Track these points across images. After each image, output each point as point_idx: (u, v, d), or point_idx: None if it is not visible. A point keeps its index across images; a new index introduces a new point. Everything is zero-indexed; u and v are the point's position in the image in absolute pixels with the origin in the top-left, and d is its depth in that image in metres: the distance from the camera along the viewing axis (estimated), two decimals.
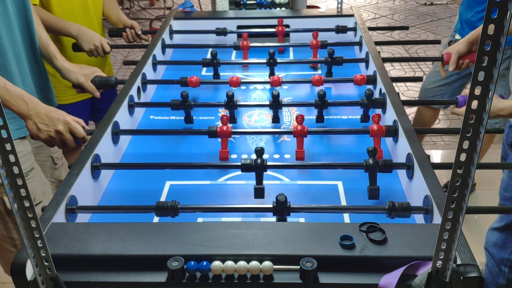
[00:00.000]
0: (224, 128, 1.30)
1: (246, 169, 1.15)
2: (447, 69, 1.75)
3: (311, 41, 1.87)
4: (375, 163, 1.12)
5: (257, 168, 1.14)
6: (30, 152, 1.45)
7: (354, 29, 2.06)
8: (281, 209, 1.01)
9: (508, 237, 1.62)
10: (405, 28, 2.27)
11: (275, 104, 1.44)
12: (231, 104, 1.44)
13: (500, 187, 1.70)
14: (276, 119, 1.48)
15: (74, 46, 1.89)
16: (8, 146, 0.67)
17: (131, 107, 1.48)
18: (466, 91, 1.48)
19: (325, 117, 1.47)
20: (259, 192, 1.14)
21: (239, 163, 1.15)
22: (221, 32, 2.01)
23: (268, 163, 1.14)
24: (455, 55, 1.65)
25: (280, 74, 1.79)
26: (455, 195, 0.68)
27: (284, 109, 1.59)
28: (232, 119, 1.47)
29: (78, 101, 1.91)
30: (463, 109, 1.44)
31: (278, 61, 1.73)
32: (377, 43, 1.83)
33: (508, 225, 1.62)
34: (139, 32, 2.07)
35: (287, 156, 1.36)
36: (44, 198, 1.44)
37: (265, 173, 1.15)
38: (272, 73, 1.73)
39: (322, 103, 1.43)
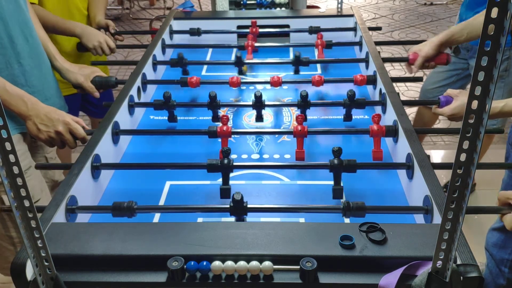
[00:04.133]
0: (224, 128, 1.30)
1: (212, 169, 1.14)
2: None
3: (316, 41, 1.86)
4: (340, 163, 1.13)
5: (224, 168, 1.14)
6: (27, 150, 1.45)
7: (354, 29, 2.06)
8: (238, 208, 1.01)
9: (508, 238, 1.62)
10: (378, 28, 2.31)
11: (258, 105, 1.44)
12: (214, 104, 1.45)
13: (500, 187, 1.70)
14: (259, 118, 1.46)
15: (78, 46, 1.89)
16: (8, 146, 0.67)
17: (131, 107, 1.48)
18: (449, 92, 1.48)
19: (325, 117, 1.47)
20: (225, 193, 1.14)
21: (237, 163, 1.15)
22: (195, 32, 2.01)
23: (235, 163, 1.14)
24: (422, 58, 1.66)
25: (280, 74, 1.79)
26: (455, 195, 0.68)
27: (284, 109, 1.60)
28: (215, 119, 1.47)
29: (67, 94, 1.87)
30: (444, 109, 1.44)
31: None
32: (377, 43, 1.84)
33: None
34: (112, 31, 2.02)
35: (287, 156, 1.36)
36: (42, 196, 1.44)
37: (265, 173, 1.15)
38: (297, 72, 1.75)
39: (304, 104, 1.43)
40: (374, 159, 1.27)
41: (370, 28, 2.55)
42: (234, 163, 1.14)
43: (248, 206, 1.02)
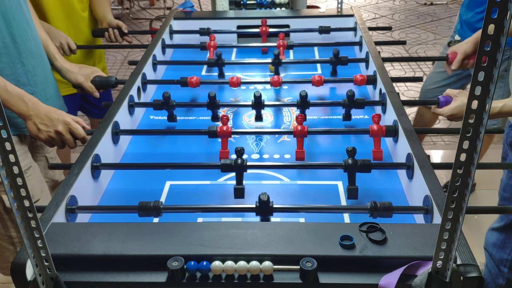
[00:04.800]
0: (224, 128, 1.30)
1: (226, 169, 1.15)
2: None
3: (277, 42, 1.87)
4: (354, 163, 1.13)
5: (237, 168, 1.14)
6: (27, 151, 1.45)
7: (354, 29, 2.06)
8: (264, 209, 1.01)
9: (508, 237, 1.62)
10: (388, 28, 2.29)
11: (257, 105, 1.44)
12: (214, 104, 1.45)
13: (499, 187, 1.70)
14: (258, 118, 1.47)
15: None
16: (8, 146, 0.67)
17: (131, 107, 1.48)
18: (448, 92, 1.48)
19: (325, 117, 1.47)
20: (239, 192, 1.14)
21: (219, 163, 1.15)
22: (205, 32, 2.01)
23: (248, 163, 1.14)
24: (461, 55, 1.65)
25: (280, 74, 1.79)
26: (455, 195, 0.68)
27: (284, 109, 1.60)
28: (215, 117, 1.47)
29: (66, 94, 1.85)
30: (443, 109, 1.44)
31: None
32: (377, 43, 1.83)
33: (507, 225, 1.62)
34: (125, 31, 2.04)
35: (287, 156, 1.36)
36: (42, 196, 1.44)
37: (265, 173, 1.15)
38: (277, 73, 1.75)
39: (303, 104, 1.43)
40: (374, 159, 1.27)
41: (381, 28, 2.54)
42: (248, 163, 1.14)
43: (274, 206, 1.02)
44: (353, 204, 1.15)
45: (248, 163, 1.14)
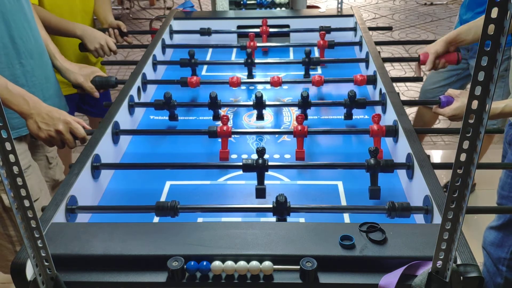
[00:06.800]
0: (224, 128, 1.30)
1: (248, 169, 1.14)
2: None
3: (318, 41, 1.86)
4: (377, 163, 1.12)
5: (259, 168, 1.14)
6: (27, 150, 1.45)
7: (354, 29, 2.06)
8: (281, 209, 1.01)
9: (505, 236, 1.62)
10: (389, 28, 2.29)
11: (259, 105, 1.44)
12: (215, 105, 1.45)
13: (498, 186, 1.69)
14: (260, 118, 1.48)
15: (80, 46, 1.89)
16: (8, 146, 0.67)
17: (131, 107, 1.48)
18: (449, 92, 1.48)
19: (325, 117, 1.47)
20: (260, 193, 1.14)
21: (240, 163, 1.15)
22: (205, 32, 2.01)
23: (270, 163, 1.14)
24: (433, 55, 1.66)
25: (280, 74, 1.79)
26: (455, 195, 0.68)
27: (284, 109, 1.60)
28: (216, 117, 1.47)
29: (65, 94, 1.79)
30: (445, 110, 1.44)
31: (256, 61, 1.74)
32: (377, 43, 1.83)
33: (505, 224, 1.62)
34: (125, 31, 2.03)
35: (287, 156, 1.36)
36: (41, 195, 1.44)
37: (265, 173, 1.15)
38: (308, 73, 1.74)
39: (305, 104, 1.43)
40: None
41: (381, 28, 2.53)
42: (269, 163, 1.14)
43: (292, 206, 1.02)
44: (352, 205, 1.15)
45: (270, 163, 1.14)
